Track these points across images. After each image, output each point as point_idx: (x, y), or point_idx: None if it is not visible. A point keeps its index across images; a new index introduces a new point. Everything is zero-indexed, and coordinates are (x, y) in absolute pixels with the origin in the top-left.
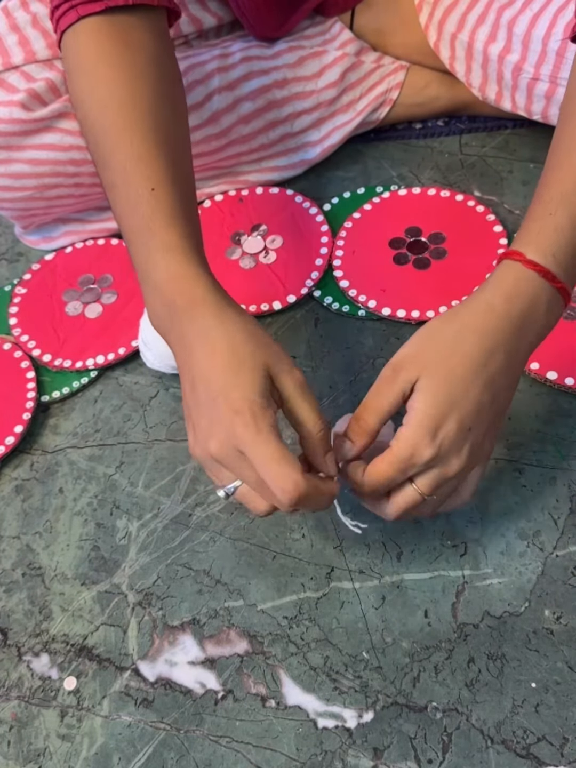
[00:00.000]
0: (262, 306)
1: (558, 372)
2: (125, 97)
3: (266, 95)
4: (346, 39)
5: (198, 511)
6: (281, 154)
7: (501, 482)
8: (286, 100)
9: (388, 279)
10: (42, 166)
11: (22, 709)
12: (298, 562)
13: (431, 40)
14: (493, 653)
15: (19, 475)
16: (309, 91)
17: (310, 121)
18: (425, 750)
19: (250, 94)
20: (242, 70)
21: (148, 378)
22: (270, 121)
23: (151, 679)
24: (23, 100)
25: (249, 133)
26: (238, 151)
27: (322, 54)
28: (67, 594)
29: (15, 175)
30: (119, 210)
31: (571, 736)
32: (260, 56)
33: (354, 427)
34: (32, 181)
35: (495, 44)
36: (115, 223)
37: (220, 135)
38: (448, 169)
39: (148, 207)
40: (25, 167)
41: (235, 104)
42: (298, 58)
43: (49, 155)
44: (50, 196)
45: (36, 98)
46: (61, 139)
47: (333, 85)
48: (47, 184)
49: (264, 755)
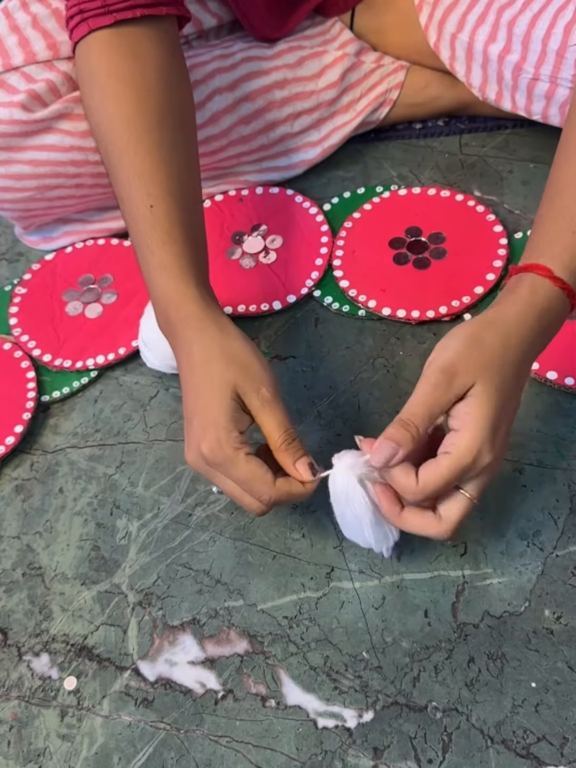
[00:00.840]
0: (262, 306)
1: (558, 372)
2: (132, 112)
3: (266, 95)
4: (347, 39)
5: (198, 511)
6: (281, 155)
7: (501, 482)
8: (286, 100)
9: (388, 279)
10: (42, 167)
11: (23, 708)
12: (298, 561)
13: (431, 41)
14: (493, 653)
15: (20, 475)
16: (309, 91)
17: (310, 122)
18: (425, 750)
19: (251, 94)
20: (242, 71)
21: (148, 378)
22: (270, 122)
23: (151, 679)
24: (23, 101)
25: (249, 133)
26: (239, 151)
27: (322, 54)
28: (67, 594)
29: (16, 176)
30: (126, 223)
31: (571, 735)
32: (260, 56)
33: (402, 433)
34: (33, 182)
35: (495, 44)
36: (114, 223)
37: (221, 135)
38: (448, 169)
39: (147, 225)
40: (26, 168)
41: (236, 105)
42: (298, 59)
43: (50, 156)
44: (51, 197)
45: (36, 99)
46: (62, 139)
47: (333, 86)
48: (48, 184)
49: (264, 755)
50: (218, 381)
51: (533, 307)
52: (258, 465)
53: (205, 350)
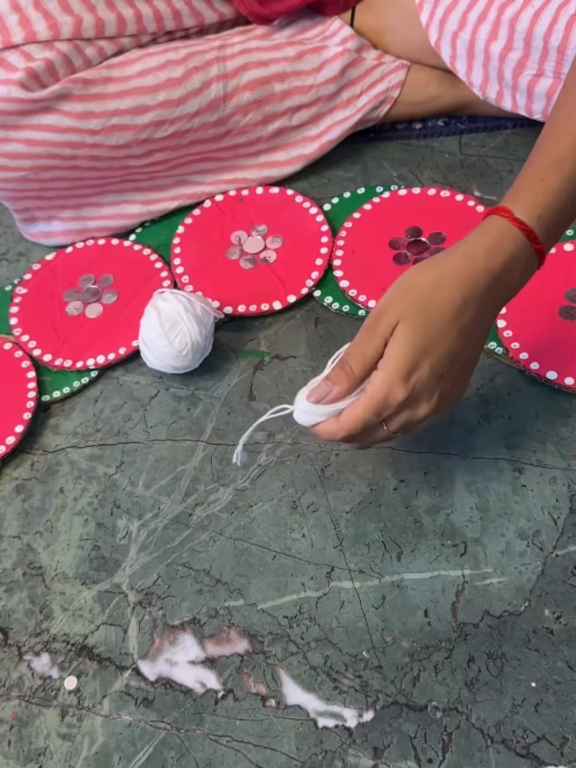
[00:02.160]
0: (262, 306)
1: (558, 372)
2: None
3: (265, 87)
4: (347, 35)
5: (198, 511)
6: (279, 149)
7: (501, 482)
8: (285, 93)
9: (388, 279)
10: (38, 147)
11: (23, 708)
12: (298, 561)
13: (432, 40)
14: (493, 653)
15: (20, 474)
16: (308, 85)
17: (308, 116)
18: (425, 749)
19: (249, 84)
20: (241, 61)
21: (149, 378)
22: (268, 114)
23: (152, 678)
24: (22, 79)
25: (246, 124)
26: (236, 142)
27: (322, 49)
28: (68, 593)
29: (10, 155)
30: None
31: (570, 735)
32: (260, 47)
33: (338, 373)
34: (27, 162)
35: (496, 42)
36: (113, 222)
37: (218, 123)
38: (448, 169)
39: None
40: (21, 147)
41: (234, 93)
42: (298, 52)
43: (46, 136)
44: (44, 178)
45: (34, 78)
46: (59, 120)
47: (332, 80)
48: (42, 165)
49: (264, 754)
50: None
51: (482, 243)
52: None
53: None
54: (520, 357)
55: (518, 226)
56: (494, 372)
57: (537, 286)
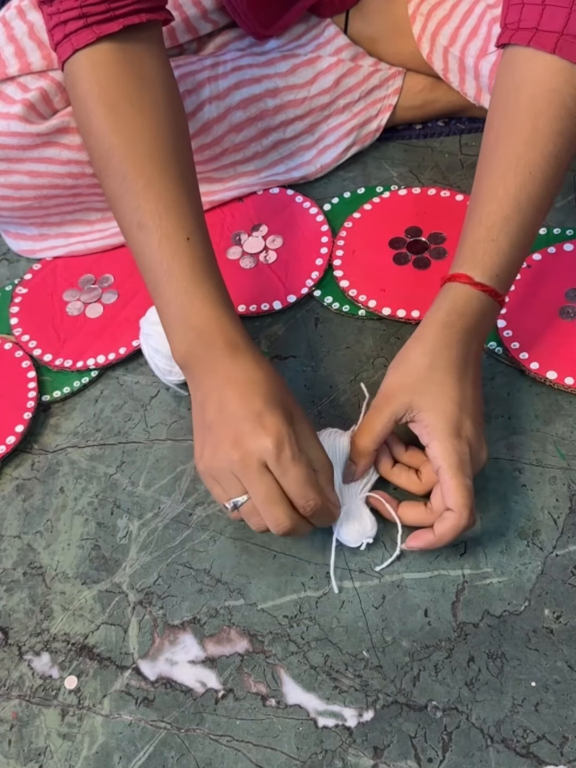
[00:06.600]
0: (262, 306)
1: (558, 372)
2: (152, 142)
3: (258, 104)
4: (342, 44)
5: (198, 511)
6: (278, 162)
7: (501, 482)
8: (278, 108)
9: (388, 279)
10: (41, 178)
11: (23, 708)
12: (299, 561)
13: (424, 52)
14: (493, 652)
15: (20, 474)
16: (301, 98)
17: (302, 127)
18: (425, 749)
19: (241, 102)
20: (233, 79)
21: (149, 378)
22: (262, 129)
23: (152, 678)
24: (21, 112)
25: (241, 141)
26: (233, 160)
27: (315, 61)
28: (68, 593)
29: (15, 186)
30: (148, 255)
31: (570, 735)
32: (252, 64)
33: (353, 450)
34: (31, 192)
35: (486, 59)
36: (97, 242)
37: (213, 144)
38: (448, 169)
39: (188, 257)
40: (25, 179)
41: (227, 113)
42: (291, 66)
43: (48, 168)
44: (48, 206)
45: (32, 109)
46: (59, 153)
47: (326, 92)
48: (46, 195)
49: (264, 754)
50: (280, 401)
51: (454, 310)
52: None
53: (267, 374)
54: (520, 357)
55: (481, 289)
56: (494, 372)
57: (537, 286)
